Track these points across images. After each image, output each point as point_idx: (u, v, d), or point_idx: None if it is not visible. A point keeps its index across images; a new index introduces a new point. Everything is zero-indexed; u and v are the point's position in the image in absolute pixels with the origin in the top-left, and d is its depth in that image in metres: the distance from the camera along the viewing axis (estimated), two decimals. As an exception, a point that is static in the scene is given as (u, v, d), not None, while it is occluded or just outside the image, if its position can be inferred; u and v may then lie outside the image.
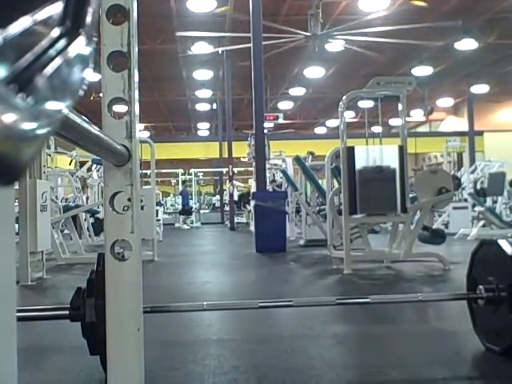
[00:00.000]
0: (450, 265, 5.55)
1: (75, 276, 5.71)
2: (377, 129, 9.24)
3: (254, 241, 8.36)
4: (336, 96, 10.59)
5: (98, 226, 9.62)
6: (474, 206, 11.28)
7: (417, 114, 22.84)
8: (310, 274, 5.86)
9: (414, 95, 17.42)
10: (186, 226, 18.15)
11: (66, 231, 8.33)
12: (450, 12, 12.93)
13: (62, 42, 0.39)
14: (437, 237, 6.22)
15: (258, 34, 9.21)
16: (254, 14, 9.35)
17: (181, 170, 21.56)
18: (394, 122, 20.46)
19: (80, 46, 0.41)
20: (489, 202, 11.61)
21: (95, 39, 0.46)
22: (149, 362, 2.00)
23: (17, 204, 5.07)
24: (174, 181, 24.75)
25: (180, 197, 19.93)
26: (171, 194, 26.91)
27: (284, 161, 13.00)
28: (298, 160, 8.98)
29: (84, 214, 9.12)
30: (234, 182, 17.11)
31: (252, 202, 9.61)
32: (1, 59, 0.31)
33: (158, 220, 10.72)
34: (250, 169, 14.78)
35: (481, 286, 2.39)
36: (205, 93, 20.66)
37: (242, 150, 14.59)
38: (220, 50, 15.08)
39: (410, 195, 6.04)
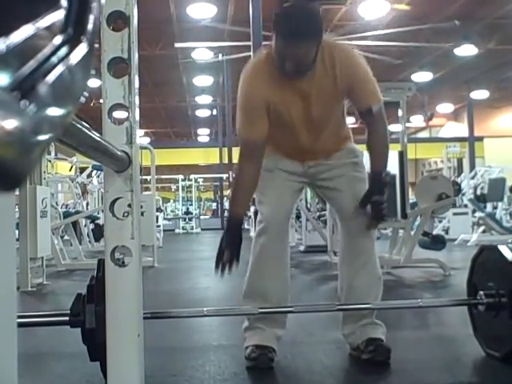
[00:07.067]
0: (451, 271, 5.55)
1: (75, 282, 5.70)
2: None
3: (254, 247, 8.32)
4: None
5: (98, 232, 9.60)
6: (474, 211, 11.26)
7: (417, 120, 22.84)
8: (311, 279, 5.85)
9: (414, 101, 17.42)
10: None
11: (66, 237, 8.32)
12: (450, 18, 12.97)
13: (63, 50, 0.39)
14: (437, 243, 6.22)
15: (258, 42, 9.22)
16: (254, 22, 9.37)
17: (181, 176, 21.57)
18: (394, 127, 20.46)
19: (81, 53, 0.42)
20: (489, 207, 11.60)
21: (96, 46, 0.46)
22: (149, 367, 2.00)
23: (17, 210, 5.07)
24: (174, 187, 24.76)
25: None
26: (171, 200, 26.91)
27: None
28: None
29: (84, 219, 9.11)
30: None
31: (252, 208, 9.59)
32: (4, 67, 0.32)
33: (158, 226, 10.71)
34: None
35: (481, 292, 2.39)
36: (205, 99, 20.68)
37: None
38: (220, 56, 15.10)
39: (410, 201, 6.03)
